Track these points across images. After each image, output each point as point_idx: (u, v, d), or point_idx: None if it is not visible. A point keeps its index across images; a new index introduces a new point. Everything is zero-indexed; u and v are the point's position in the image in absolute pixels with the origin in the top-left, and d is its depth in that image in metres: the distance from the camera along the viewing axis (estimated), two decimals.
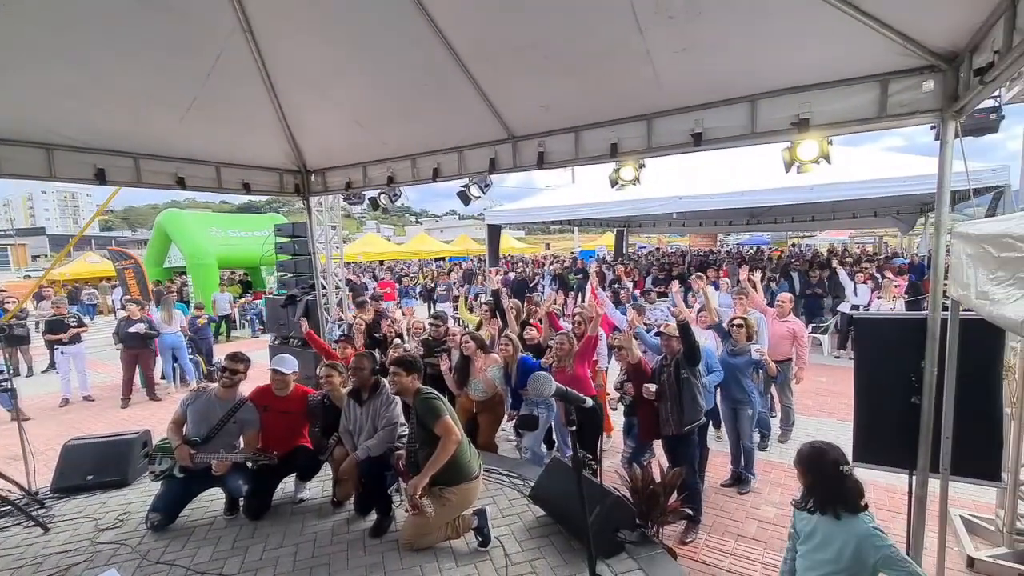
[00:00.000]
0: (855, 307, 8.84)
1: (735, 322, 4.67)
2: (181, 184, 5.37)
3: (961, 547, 3.63)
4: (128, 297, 11.88)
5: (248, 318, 14.73)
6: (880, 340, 3.53)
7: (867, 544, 2.02)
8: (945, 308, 3.06)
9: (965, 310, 2.84)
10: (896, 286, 7.88)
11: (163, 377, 9.17)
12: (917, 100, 3.16)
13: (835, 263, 11.11)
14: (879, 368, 3.46)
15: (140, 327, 8.09)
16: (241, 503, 4.03)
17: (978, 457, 3.14)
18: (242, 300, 15.55)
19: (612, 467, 4.66)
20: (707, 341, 4.87)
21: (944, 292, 3.04)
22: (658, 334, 4.23)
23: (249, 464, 3.99)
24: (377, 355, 5.67)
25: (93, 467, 4.62)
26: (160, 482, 3.95)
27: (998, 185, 7.30)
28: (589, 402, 2.01)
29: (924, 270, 11.00)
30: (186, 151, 5.30)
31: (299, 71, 4.43)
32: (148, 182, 5.18)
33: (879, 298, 8.29)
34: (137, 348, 8.14)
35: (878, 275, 9.92)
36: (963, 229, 2.65)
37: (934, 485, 3.20)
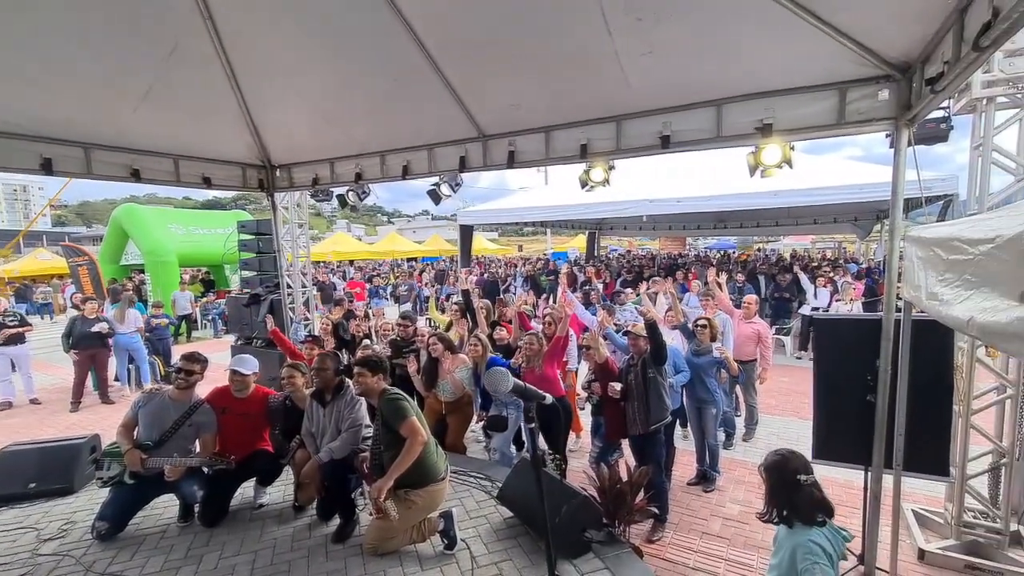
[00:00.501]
0: (815, 309, 9.13)
1: (699, 323, 4.74)
2: (136, 176, 5.13)
3: (913, 540, 3.77)
4: (80, 295, 11.32)
5: (210, 318, 14.24)
6: (838, 341, 3.64)
7: (798, 554, 2.00)
8: (899, 309, 3.17)
9: (918, 311, 2.95)
10: (854, 289, 8.18)
11: (116, 379, 8.76)
12: (873, 108, 3.27)
13: (796, 268, 11.48)
14: (837, 368, 3.57)
15: (102, 326, 7.72)
16: (196, 509, 3.86)
17: (928, 453, 3.26)
18: (204, 299, 15.02)
19: (581, 467, 4.67)
20: (674, 341, 4.94)
21: (898, 294, 3.15)
22: (625, 333, 4.26)
23: (205, 469, 3.83)
24: (344, 356, 5.57)
25: (36, 474, 4.36)
26: (108, 489, 3.74)
27: (947, 194, 7.68)
28: (549, 399, 1.99)
29: (880, 274, 11.46)
30: (141, 142, 5.07)
31: (263, 61, 4.29)
32: (100, 173, 4.93)
33: (838, 300, 8.60)
34: (94, 348, 7.75)
35: (837, 279, 10.29)
36: (915, 233, 2.75)
37: (888, 481, 3.31)
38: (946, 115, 3.70)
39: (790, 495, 2.13)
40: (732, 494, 4.67)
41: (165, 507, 3.99)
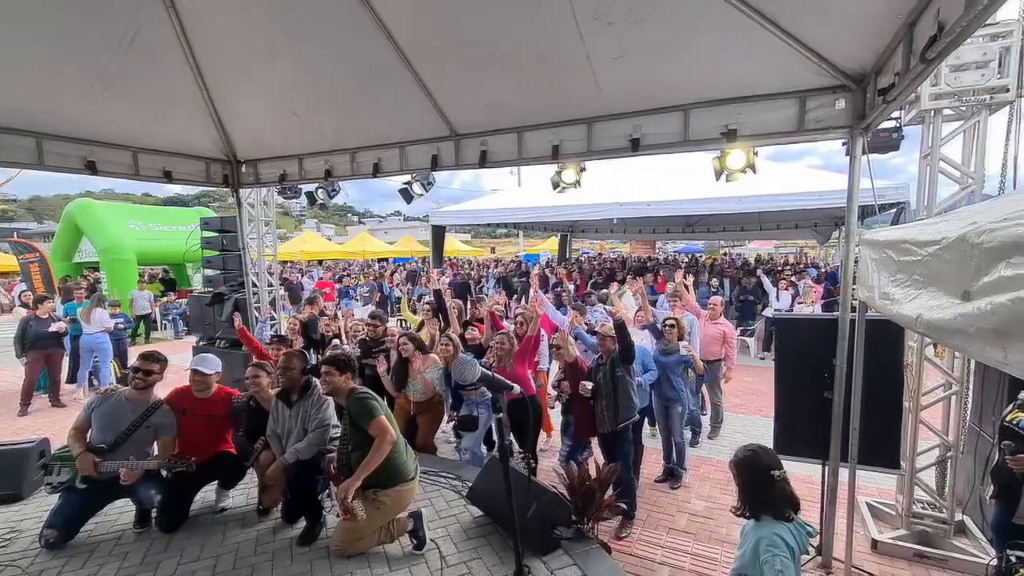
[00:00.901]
0: (777, 311, 9.45)
1: (667, 322, 4.84)
2: (92, 169, 4.90)
3: (867, 531, 3.94)
4: (31, 293, 10.77)
5: (170, 318, 13.72)
6: (797, 340, 3.78)
7: (761, 545, 2.03)
8: (854, 310, 3.32)
9: (872, 312, 3.09)
10: (815, 292, 8.51)
11: (70, 381, 8.35)
12: (830, 116, 3.42)
13: (759, 272, 11.87)
14: (797, 366, 3.71)
15: (60, 326, 7.37)
16: (153, 515, 3.71)
17: (881, 447, 3.42)
18: (164, 299, 14.46)
19: (551, 466, 4.70)
20: (643, 341, 5.03)
21: (853, 295, 3.29)
22: (593, 333, 4.32)
23: (163, 472, 3.68)
24: (312, 355, 5.46)
25: None
26: (58, 495, 3.56)
27: (900, 202, 8.07)
28: (516, 388, 2.01)
29: (837, 278, 11.95)
30: (98, 132, 4.85)
31: (228, 52, 4.18)
32: (52, 165, 4.69)
33: (800, 303, 8.93)
34: (50, 349, 7.37)
35: (799, 283, 10.68)
36: (869, 236, 2.88)
37: (845, 474, 3.45)
38: (897, 125, 3.89)
39: (763, 490, 2.15)
40: (698, 490, 4.78)
41: (120, 513, 3.82)
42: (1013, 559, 2.45)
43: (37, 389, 7.62)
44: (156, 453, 3.73)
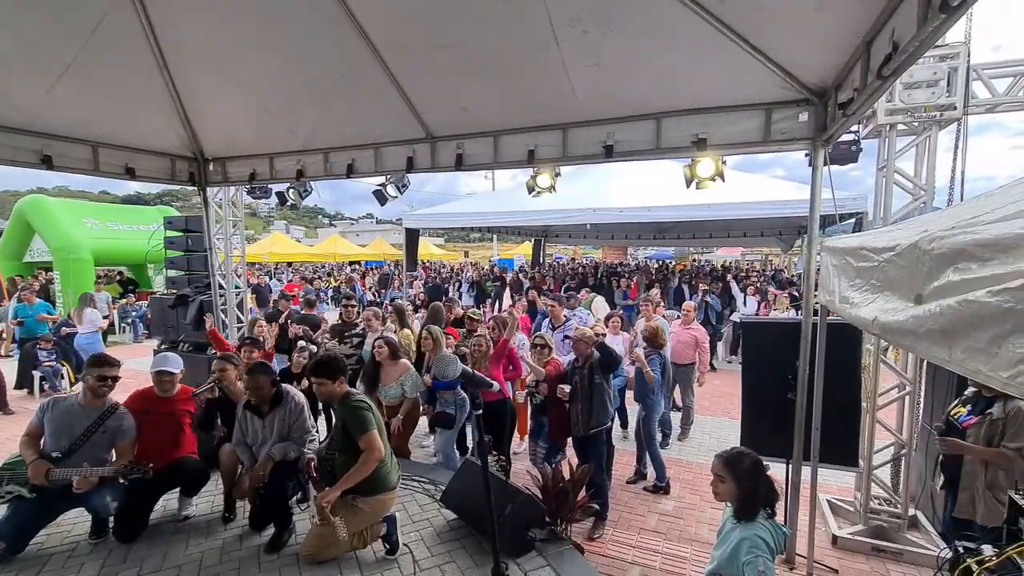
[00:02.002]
0: (745, 316, 9.74)
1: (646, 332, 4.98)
2: (48, 163, 4.68)
3: (827, 527, 4.09)
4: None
5: (129, 321, 13.18)
6: (763, 342, 3.91)
7: (743, 546, 2.06)
8: (816, 314, 3.46)
9: (832, 316, 3.22)
10: (787, 297, 8.84)
11: (18, 387, 7.94)
12: (794, 128, 3.57)
13: (729, 277, 12.22)
14: (762, 368, 3.83)
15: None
16: (110, 524, 3.56)
17: (840, 446, 3.57)
18: (123, 301, 13.88)
19: (524, 468, 4.71)
20: (618, 346, 5.11)
21: (815, 299, 3.43)
22: (567, 337, 4.37)
23: (120, 479, 3.53)
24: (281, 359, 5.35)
25: None
26: (6, 505, 3.37)
27: (858, 212, 8.44)
28: (495, 386, 2.04)
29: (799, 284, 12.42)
30: (56, 125, 4.64)
31: (197, 46, 4.07)
32: (4, 158, 4.46)
33: (775, 310, 9.25)
34: None
35: (765, 288, 11.05)
36: (830, 243, 3.01)
37: (807, 473, 3.58)
38: (856, 139, 4.08)
39: (766, 489, 2.17)
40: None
41: (74, 523, 3.65)
42: (961, 550, 2.58)
43: None
44: (114, 459, 3.55)
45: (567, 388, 4.02)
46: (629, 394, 5.17)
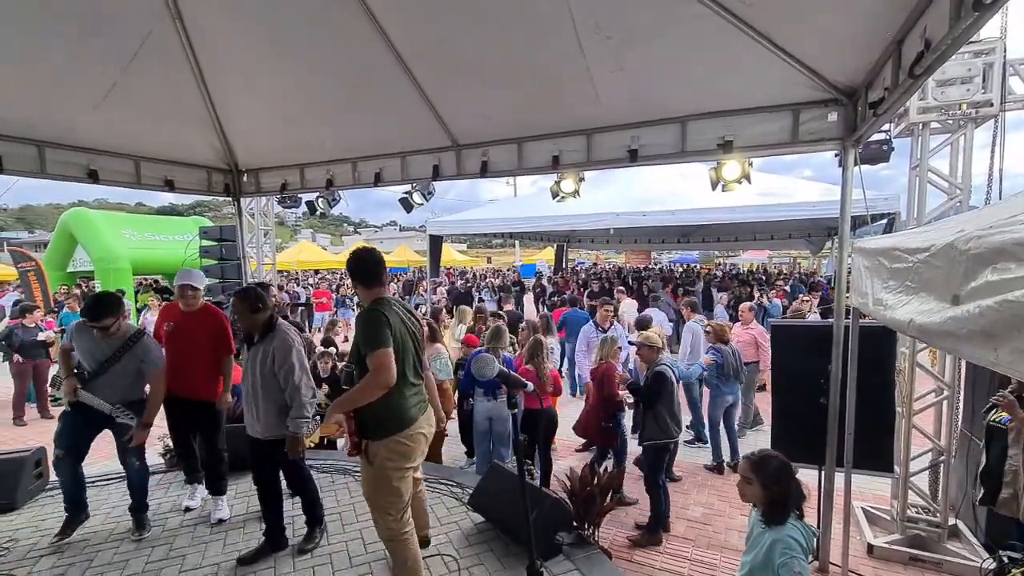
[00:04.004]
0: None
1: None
2: (93, 177, 4.93)
3: (862, 536, 3.98)
4: (25, 300, 10.75)
5: None
6: (793, 346, 3.85)
7: (777, 548, 2.02)
8: (849, 316, 3.39)
9: (866, 319, 3.16)
10: (807, 301, 8.66)
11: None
12: (823, 129, 3.53)
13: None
14: (793, 372, 3.77)
15: (48, 335, 7.36)
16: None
17: (875, 451, 3.48)
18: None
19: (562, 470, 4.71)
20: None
21: (847, 302, 3.37)
22: (632, 343, 4.46)
23: (116, 417, 3.56)
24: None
25: None
26: (58, 419, 3.63)
27: (891, 212, 8.21)
28: (530, 386, 2.08)
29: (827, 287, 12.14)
30: (101, 141, 4.89)
31: (232, 62, 4.24)
32: (54, 173, 4.71)
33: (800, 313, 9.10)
34: (37, 358, 7.37)
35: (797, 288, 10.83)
36: (861, 244, 2.97)
37: (840, 480, 3.50)
38: (887, 138, 4.00)
39: (792, 490, 2.14)
40: (696, 497, 4.81)
41: (118, 520, 3.81)
42: (1006, 559, 2.51)
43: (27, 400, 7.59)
44: (147, 391, 3.68)
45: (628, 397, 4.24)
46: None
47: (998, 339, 1.42)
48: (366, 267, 2.71)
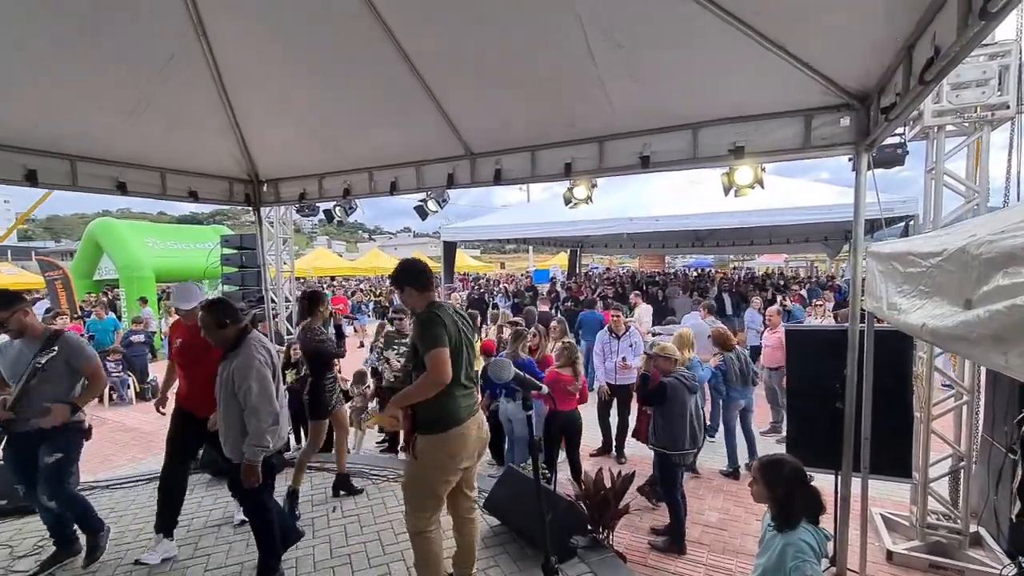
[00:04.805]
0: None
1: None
2: (122, 189, 5.12)
3: (881, 542, 3.94)
4: (56, 309, 11.11)
5: None
6: (809, 350, 3.84)
7: (789, 552, 2.03)
8: (864, 320, 3.39)
9: (881, 322, 3.16)
10: (819, 304, 8.57)
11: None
12: (835, 134, 3.53)
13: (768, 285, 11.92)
14: (808, 376, 3.76)
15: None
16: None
17: (892, 456, 3.46)
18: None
19: (564, 477, 4.74)
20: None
21: (862, 306, 3.37)
22: (648, 354, 4.51)
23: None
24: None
25: (5, 490, 4.22)
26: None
27: (909, 215, 8.12)
28: (545, 389, 2.14)
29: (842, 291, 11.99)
30: (129, 155, 5.07)
31: (254, 79, 4.39)
32: (85, 186, 4.91)
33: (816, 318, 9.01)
34: None
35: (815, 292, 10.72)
36: (875, 248, 2.97)
37: (857, 484, 3.48)
38: (902, 141, 3.98)
39: (807, 496, 2.14)
40: (712, 502, 4.80)
41: (148, 521, 3.92)
42: None
43: None
44: (79, 391, 3.40)
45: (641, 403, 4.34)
46: None
47: (1008, 343, 1.43)
48: (417, 272, 2.86)
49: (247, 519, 3.40)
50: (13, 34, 3.39)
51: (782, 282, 17.19)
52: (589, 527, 3.55)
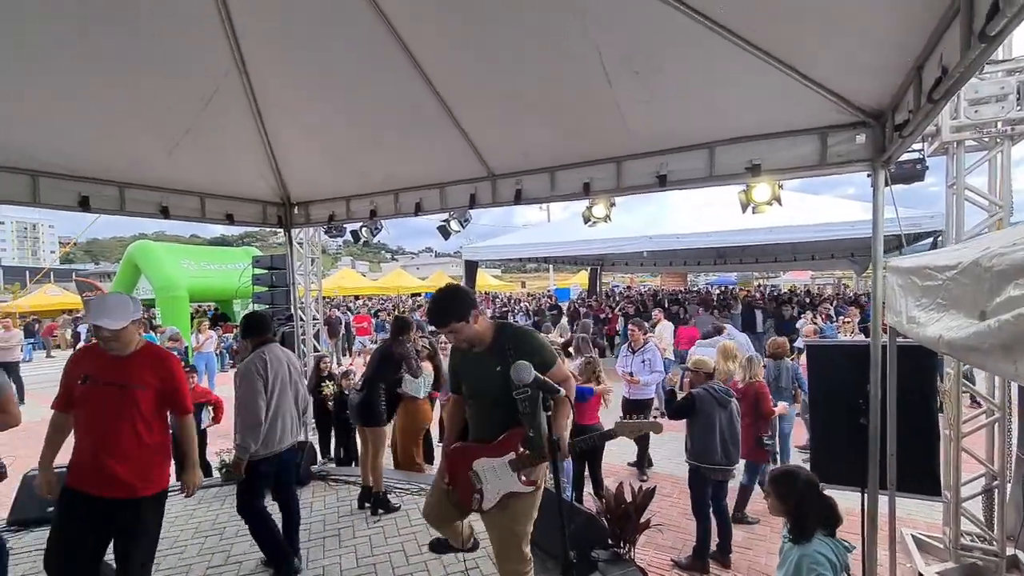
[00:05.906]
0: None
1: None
2: (165, 213, 5.44)
3: (912, 563, 3.84)
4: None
5: (217, 352, 14.41)
6: (831, 366, 3.83)
7: (804, 564, 2.03)
8: (886, 335, 3.38)
9: (902, 337, 3.15)
10: (847, 321, 8.43)
11: None
12: (851, 151, 3.58)
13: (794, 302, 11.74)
14: (830, 392, 3.75)
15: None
16: None
17: (920, 473, 3.40)
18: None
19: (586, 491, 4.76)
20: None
21: (884, 321, 3.36)
22: (685, 368, 4.57)
23: None
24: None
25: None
26: None
27: (936, 230, 7.98)
28: (562, 392, 2.20)
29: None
30: (172, 180, 5.40)
31: (289, 109, 4.66)
32: (132, 210, 5.24)
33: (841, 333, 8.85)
34: None
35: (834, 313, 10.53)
36: (894, 263, 3.00)
37: (885, 505, 3.42)
38: (921, 157, 4.00)
39: (820, 507, 2.15)
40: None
41: (183, 528, 4.07)
42: None
43: None
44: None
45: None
46: None
47: (1016, 352, 1.48)
48: (466, 297, 2.53)
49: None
50: (77, 73, 3.71)
51: (808, 299, 16.87)
52: (610, 541, 3.55)
